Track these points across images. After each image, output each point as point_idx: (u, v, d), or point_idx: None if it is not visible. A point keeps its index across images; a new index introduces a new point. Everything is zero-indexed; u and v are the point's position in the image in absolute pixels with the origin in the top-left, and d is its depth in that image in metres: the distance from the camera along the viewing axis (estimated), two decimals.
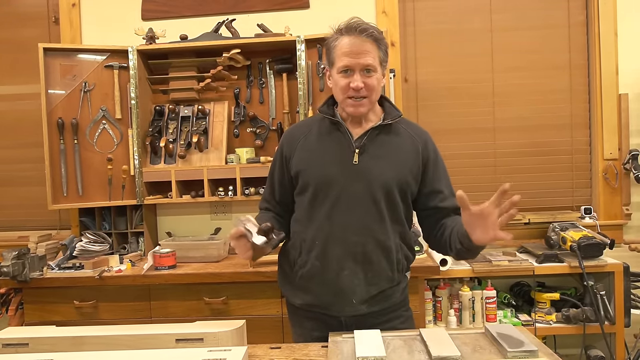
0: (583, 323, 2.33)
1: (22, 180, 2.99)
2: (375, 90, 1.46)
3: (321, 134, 1.54)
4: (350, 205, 1.46)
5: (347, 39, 1.44)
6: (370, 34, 1.43)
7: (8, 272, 2.20)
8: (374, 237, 1.47)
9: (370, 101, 1.47)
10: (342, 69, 1.44)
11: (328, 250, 1.47)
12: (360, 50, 1.42)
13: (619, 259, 2.42)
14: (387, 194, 1.47)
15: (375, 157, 1.48)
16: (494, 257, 2.50)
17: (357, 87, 1.42)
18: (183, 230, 2.83)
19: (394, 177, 1.47)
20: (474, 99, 2.82)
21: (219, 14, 2.77)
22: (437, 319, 2.48)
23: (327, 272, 1.48)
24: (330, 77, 1.52)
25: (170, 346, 1.24)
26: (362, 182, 1.46)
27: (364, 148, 1.48)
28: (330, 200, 1.47)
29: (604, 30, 2.69)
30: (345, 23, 1.46)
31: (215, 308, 2.27)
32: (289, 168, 1.56)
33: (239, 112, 2.72)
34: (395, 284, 1.54)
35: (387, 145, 1.50)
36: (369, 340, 1.23)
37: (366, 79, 1.43)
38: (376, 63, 1.44)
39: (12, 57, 2.99)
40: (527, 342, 1.17)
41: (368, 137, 1.49)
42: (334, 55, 1.47)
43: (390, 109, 1.55)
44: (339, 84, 1.46)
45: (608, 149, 2.71)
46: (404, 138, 1.53)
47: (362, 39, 1.42)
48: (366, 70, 1.43)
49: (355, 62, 1.42)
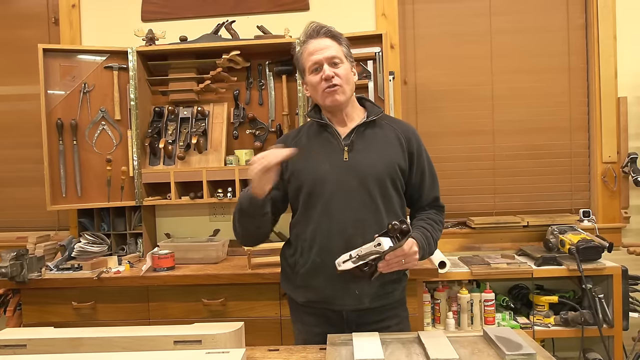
0: (581, 326, 2.33)
1: (21, 181, 2.99)
2: (345, 78, 1.55)
3: (310, 137, 1.62)
4: (346, 200, 1.51)
5: (309, 43, 1.58)
6: (326, 31, 1.57)
7: (6, 273, 2.19)
8: (371, 230, 1.49)
9: (344, 90, 1.55)
10: (312, 67, 1.56)
11: (328, 245, 1.51)
12: (322, 46, 1.55)
13: (618, 262, 2.43)
14: (380, 186, 1.54)
15: (364, 151, 1.55)
16: (492, 260, 2.50)
17: (327, 76, 1.52)
18: (182, 232, 2.83)
19: (384, 168, 1.54)
20: (473, 101, 2.83)
21: (219, 16, 2.77)
22: (436, 321, 2.48)
23: (328, 267, 1.49)
24: (307, 86, 1.62)
25: (169, 348, 1.24)
26: (355, 177, 1.52)
27: (352, 145, 1.56)
28: (325, 198, 1.52)
29: (603, 34, 2.70)
30: (303, 32, 1.60)
31: (214, 310, 2.27)
32: (282, 171, 1.59)
33: (239, 113, 2.72)
34: (395, 277, 1.58)
35: (374, 139, 1.58)
36: (367, 343, 1.23)
37: (335, 69, 1.54)
38: (340, 55, 1.56)
39: (12, 57, 2.99)
40: (525, 345, 1.17)
41: (355, 134, 1.57)
42: (303, 62, 1.60)
43: (372, 107, 1.64)
44: (313, 82, 1.57)
45: (607, 152, 2.71)
46: (388, 132, 1.61)
47: (321, 37, 1.57)
48: (333, 62, 1.54)
49: (320, 57, 1.54)
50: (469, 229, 2.75)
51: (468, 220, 2.77)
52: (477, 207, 2.83)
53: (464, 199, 2.83)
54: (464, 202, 2.83)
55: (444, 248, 2.68)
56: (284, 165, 1.58)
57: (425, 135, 2.80)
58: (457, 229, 2.76)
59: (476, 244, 2.75)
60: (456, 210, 2.82)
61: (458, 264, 2.53)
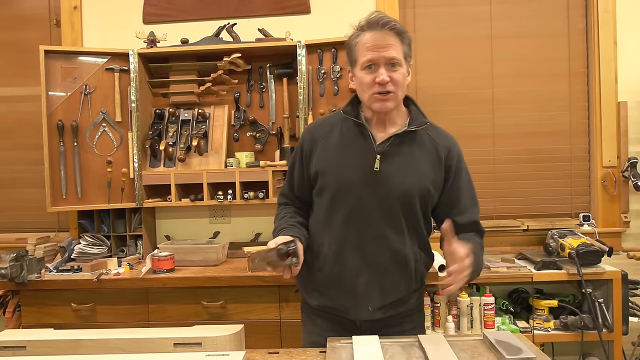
0: (581, 330, 2.33)
1: (21, 182, 2.99)
2: (400, 85, 1.41)
3: (343, 135, 1.48)
4: (368, 212, 1.42)
5: (369, 34, 1.39)
6: (392, 26, 1.39)
7: (6, 274, 2.19)
8: (391, 247, 1.44)
9: (396, 97, 1.42)
10: (366, 64, 1.39)
11: (344, 257, 1.45)
12: (384, 43, 1.37)
13: (618, 266, 2.42)
14: (407, 204, 1.43)
15: (397, 164, 1.43)
16: (492, 264, 2.50)
17: (382, 81, 1.37)
18: (182, 234, 2.83)
19: (414, 186, 1.43)
20: (473, 105, 2.83)
21: (220, 18, 2.77)
22: (435, 325, 2.47)
23: (343, 279, 1.46)
24: (354, 77, 1.46)
25: (168, 350, 1.24)
26: (381, 190, 1.41)
27: (387, 154, 1.42)
28: (348, 207, 1.43)
29: (603, 38, 2.70)
30: (365, 18, 1.42)
31: (214, 312, 2.27)
32: (308, 167, 1.51)
33: (239, 116, 2.72)
34: (413, 290, 1.52)
35: (410, 152, 1.45)
36: (367, 346, 1.23)
37: (391, 73, 1.38)
38: (401, 57, 1.40)
39: (13, 59, 2.99)
40: (525, 349, 1.17)
41: (391, 143, 1.43)
42: (356, 52, 1.42)
43: (417, 114, 1.49)
44: (363, 80, 1.40)
45: (607, 156, 2.71)
46: (427, 145, 1.47)
47: (385, 32, 1.38)
48: (391, 64, 1.38)
49: (379, 55, 1.37)
50: None
51: None
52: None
53: None
54: None
55: None
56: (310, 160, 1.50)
57: None
58: None
59: None
60: None
61: None
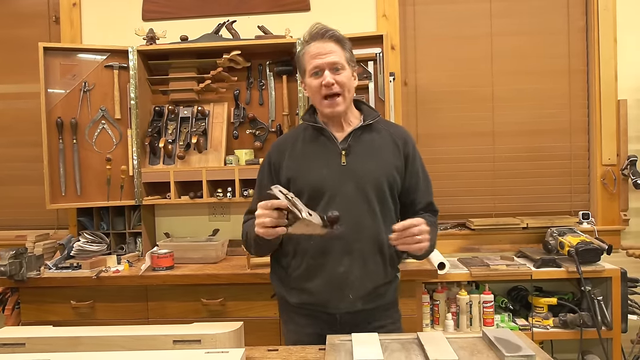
0: (580, 328, 2.33)
1: (20, 179, 2.98)
2: (346, 86, 1.54)
3: (306, 142, 1.60)
4: (344, 204, 1.48)
5: (313, 45, 1.54)
6: (331, 35, 1.54)
7: (5, 272, 2.19)
8: (368, 234, 1.52)
9: (344, 99, 1.54)
10: (313, 71, 1.53)
11: (323, 249, 1.50)
12: (326, 50, 1.53)
13: (617, 264, 2.43)
14: (378, 191, 1.53)
15: (362, 156, 1.54)
16: (491, 262, 2.51)
17: (328, 83, 1.50)
18: (181, 231, 2.83)
19: (382, 173, 1.54)
20: (473, 103, 2.83)
21: (220, 16, 2.77)
22: (435, 322, 2.48)
23: (323, 269, 1.50)
24: (306, 87, 1.60)
25: (168, 347, 1.24)
26: (353, 182, 1.52)
27: (350, 149, 1.54)
28: (324, 202, 1.50)
29: (603, 36, 2.70)
30: (308, 32, 1.57)
31: (213, 309, 2.27)
32: (278, 177, 1.59)
33: (239, 113, 2.72)
34: (388, 280, 1.58)
35: (371, 143, 1.57)
36: (367, 343, 1.23)
37: (336, 76, 1.52)
38: (343, 61, 1.54)
39: (12, 56, 2.98)
40: (524, 347, 1.17)
41: (352, 138, 1.55)
42: (304, 62, 1.57)
43: (369, 111, 1.63)
44: (312, 85, 1.55)
45: (606, 154, 2.71)
46: (385, 136, 1.60)
47: (325, 40, 1.54)
48: (335, 68, 1.52)
49: (322, 61, 1.52)
50: (468, 231, 2.75)
51: (467, 222, 2.77)
52: (477, 208, 2.83)
53: (464, 201, 2.83)
54: (463, 204, 2.83)
55: (444, 249, 2.67)
56: (279, 171, 1.58)
57: (425, 136, 2.82)
58: (457, 230, 2.76)
59: (475, 245, 2.76)
60: (456, 212, 2.82)
61: (457, 265, 2.53)
